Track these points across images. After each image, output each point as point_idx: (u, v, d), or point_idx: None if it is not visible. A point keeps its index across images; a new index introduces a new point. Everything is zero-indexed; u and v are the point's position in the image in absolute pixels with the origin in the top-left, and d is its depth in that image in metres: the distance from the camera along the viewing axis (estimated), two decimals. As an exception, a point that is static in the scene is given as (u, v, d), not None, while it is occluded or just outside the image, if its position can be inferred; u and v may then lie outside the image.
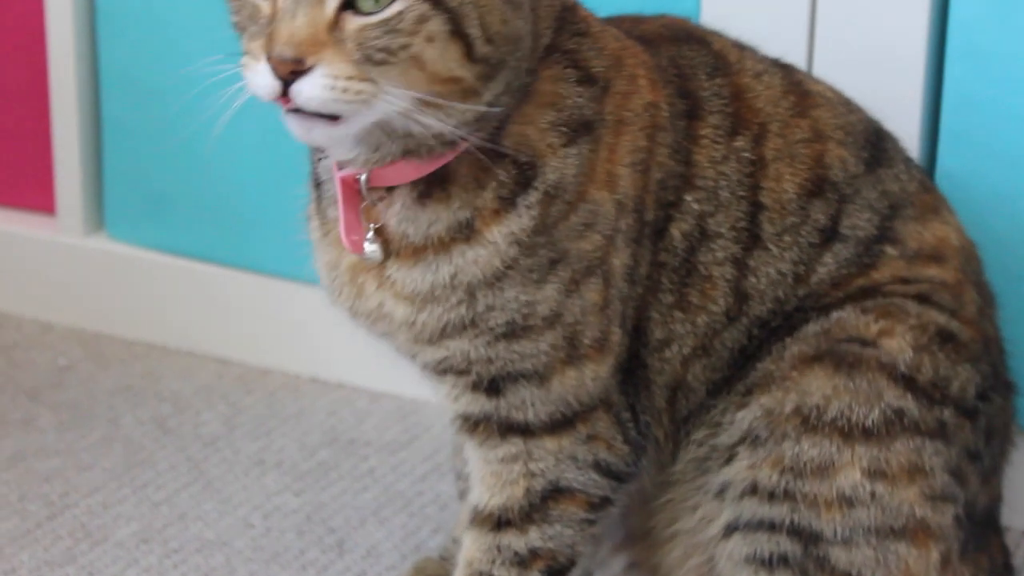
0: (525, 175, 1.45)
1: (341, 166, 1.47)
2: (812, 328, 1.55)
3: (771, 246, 1.56)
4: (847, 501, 1.52)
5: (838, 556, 1.53)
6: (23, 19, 2.30)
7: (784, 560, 1.54)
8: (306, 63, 1.33)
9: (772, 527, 1.54)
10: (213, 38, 2.16)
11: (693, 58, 1.59)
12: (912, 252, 1.58)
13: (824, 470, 1.52)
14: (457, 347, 1.49)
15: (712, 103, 1.57)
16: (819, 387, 1.53)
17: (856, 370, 1.52)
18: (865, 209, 1.58)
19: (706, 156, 1.55)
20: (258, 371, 2.26)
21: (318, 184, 1.56)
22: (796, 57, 1.82)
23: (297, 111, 1.36)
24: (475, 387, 1.51)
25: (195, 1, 2.17)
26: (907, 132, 1.75)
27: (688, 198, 1.54)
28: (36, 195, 2.38)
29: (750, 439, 1.54)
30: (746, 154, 1.56)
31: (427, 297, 1.47)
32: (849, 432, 1.52)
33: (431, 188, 1.46)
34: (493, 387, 1.51)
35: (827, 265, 1.57)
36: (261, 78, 1.35)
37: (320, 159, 1.54)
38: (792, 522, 1.53)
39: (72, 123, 2.29)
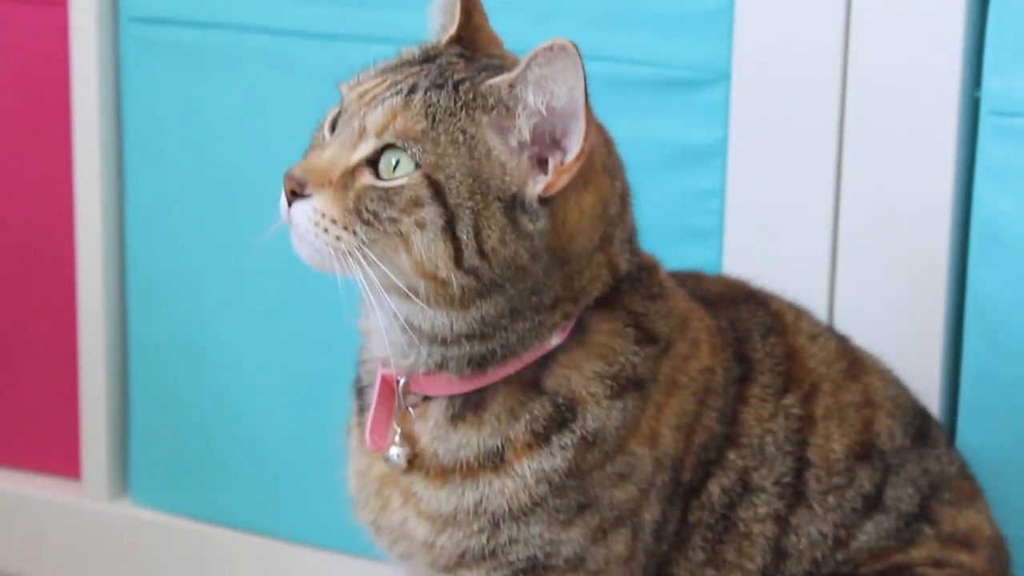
0: (562, 415, 1.45)
1: (385, 363, 1.49)
2: None
3: (815, 505, 1.55)
4: None
5: None
6: (54, 283, 2.34)
7: None
8: (306, 190, 1.40)
9: None
10: (240, 306, 2.22)
11: (750, 319, 1.60)
12: (946, 535, 1.58)
13: None
14: None
15: (764, 363, 1.57)
16: None
17: None
18: (908, 484, 1.58)
19: (753, 415, 1.55)
20: (281, 638, 2.25)
21: (360, 391, 1.57)
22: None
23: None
24: None
25: (223, 271, 2.22)
26: (927, 406, 1.77)
27: (731, 455, 1.54)
28: (62, 460, 2.40)
29: None
30: (795, 410, 1.56)
31: (449, 520, 1.47)
32: None
33: (465, 410, 1.46)
34: None
35: (868, 533, 1.56)
36: (282, 201, 1.43)
37: (364, 361, 1.56)
38: None
39: (100, 389, 2.31)
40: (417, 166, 1.38)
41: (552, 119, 1.40)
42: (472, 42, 1.50)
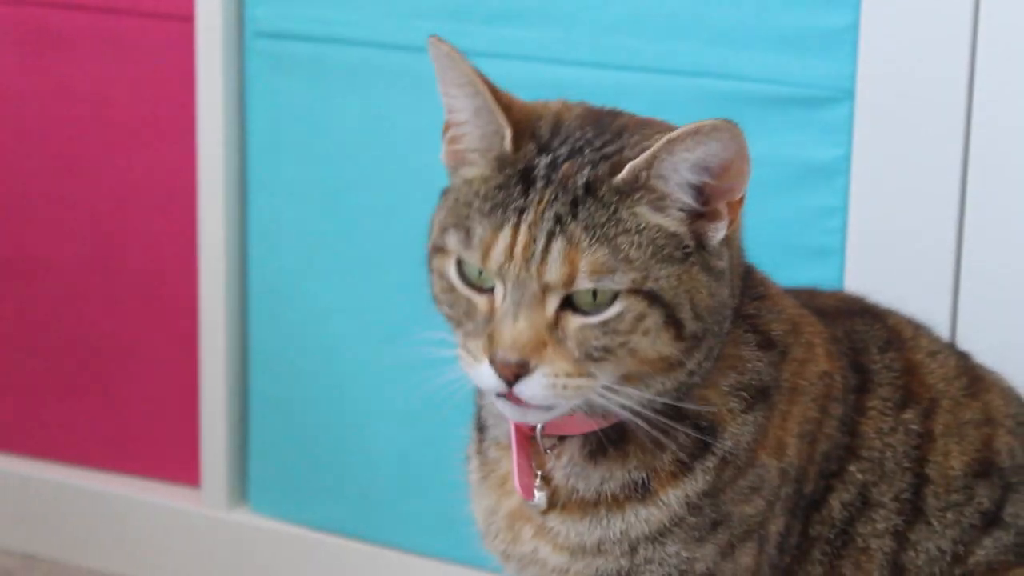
0: (704, 439, 1.45)
1: None
2: None
3: (934, 521, 1.53)
4: None
5: None
6: (177, 293, 2.37)
7: None
8: (529, 366, 1.35)
9: None
10: (362, 319, 2.24)
11: (867, 332, 1.58)
12: None
13: None
14: None
15: (882, 376, 1.56)
16: None
17: None
18: None
19: (873, 427, 1.53)
20: (395, 648, 2.27)
21: (481, 428, 1.56)
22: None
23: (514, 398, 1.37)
24: None
25: (344, 283, 2.24)
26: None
27: (852, 468, 1.52)
28: (181, 468, 2.43)
29: None
30: (914, 427, 1.54)
31: (590, 550, 1.46)
32: None
33: (605, 445, 1.45)
34: None
35: (986, 548, 1.55)
36: (485, 378, 1.36)
37: (485, 404, 1.54)
38: None
39: (220, 398, 2.34)
40: (621, 288, 1.36)
41: (713, 180, 1.39)
42: (523, 128, 1.42)
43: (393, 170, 2.17)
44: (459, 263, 1.39)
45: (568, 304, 1.36)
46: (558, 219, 1.35)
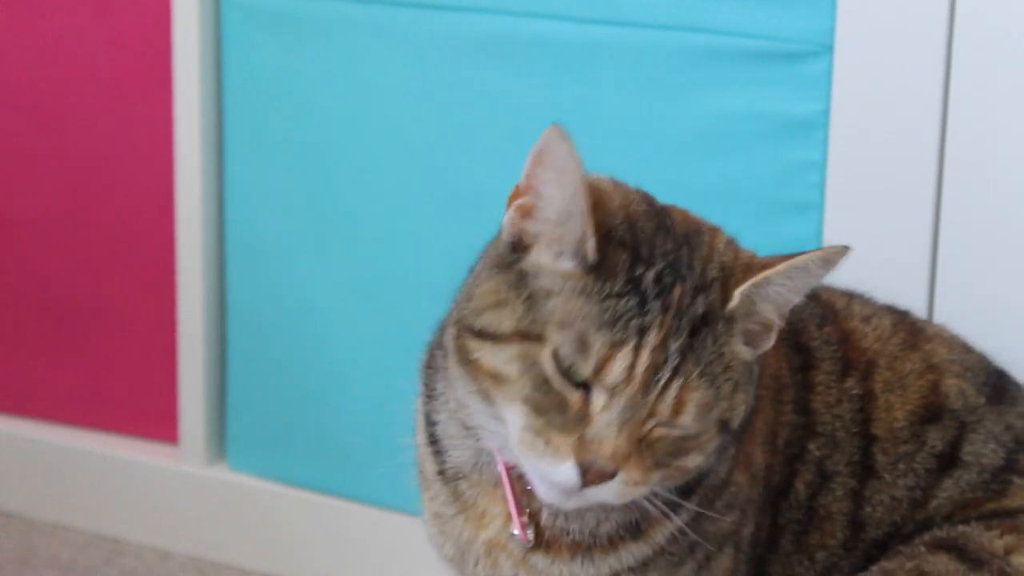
0: (688, 483, 1.45)
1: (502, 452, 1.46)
2: (938, 532, 1.55)
3: (885, 475, 1.57)
4: None
5: None
6: (153, 250, 2.37)
7: None
8: (615, 474, 1.35)
9: None
10: (337, 276, 2.24)
11: (803, 310, 1.60)
12: None
13: None
14: None
15: (823, 351, 1.59)
16: (944, 566, 1.50)
17: (981, 568, 1.50)
18: (990, 440, 1.59)
19: (822, 402, 1.57)
20: (373, 604, 2.27)
21: (434, 444, 1.55)
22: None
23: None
24: None
25: (322, 239, 2.23)
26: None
27: (811, 447, 1.56)
28: (159, 424, 2.43)
29: None
30: (855, 391, 1.58)
31: None
32: None
33: None
34: None
35: (947, 490, 1.57)
36: (563, 474, 1.34)
37: (439, 422, 1.54)
38: None
39: (198, 354, 2.34)
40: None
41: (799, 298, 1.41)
42: (602, 231, 1.38)
43: (371, 124, 2.16)
44: (555, 356, 1.35)
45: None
46: (681, 353, 1.35)
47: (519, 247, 1.40)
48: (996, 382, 1.63)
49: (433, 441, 1.56)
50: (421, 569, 2.24)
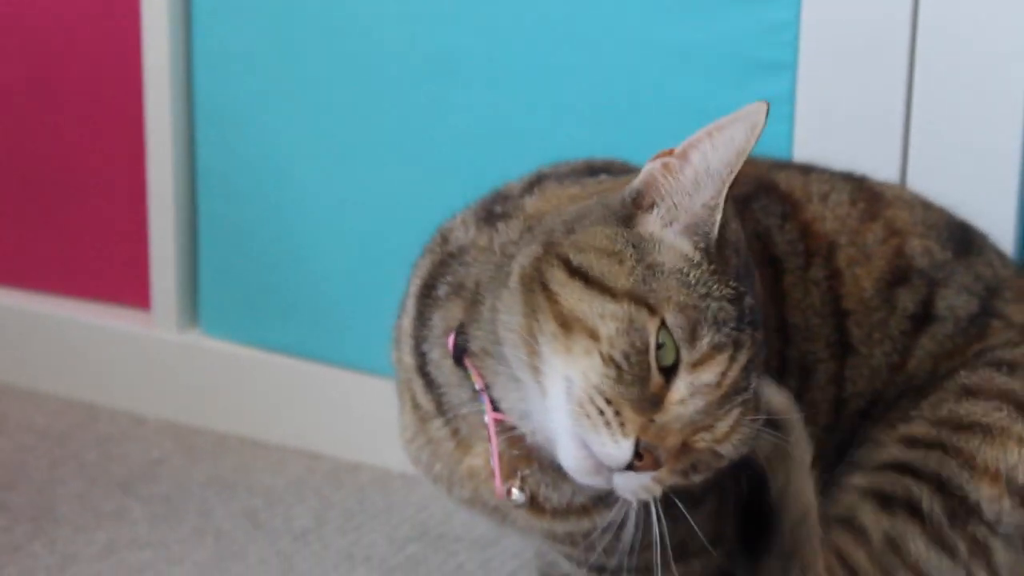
0: None
1: (495, 405, 1.45)
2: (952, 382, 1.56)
3: (861, 348, 1.58)
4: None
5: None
6: (122, 116, 2.35)
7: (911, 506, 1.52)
8: (659, 467, 1.34)
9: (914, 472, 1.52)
10: (309, 138, 2.22)
11: (765, 214, 1.60)
12: (1019, 325, 1.60)
13: (986, 432, 1.51)
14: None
15: (788, 253, 1.59)
16: (986, 378, 1.53)
17: (1016, 370, 1.53)
18: (962, 291, 1.60)
19: (793, 303, 1.58)
20: (348, 465, 2.28)
21: (425, 375, 1.56)
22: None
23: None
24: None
25: (293, 102, 2.21)
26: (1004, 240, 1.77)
27: (792, 354, 1.57)
28: (131, 291, 2.42)
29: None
30: (821, 275, 1.59)
31: (554, 532, 1.51)
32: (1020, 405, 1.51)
33: None
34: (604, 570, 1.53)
35: (924, 348, 1.59)
36: (619, 450, 1.33)
37: (431, 361, 1.54)
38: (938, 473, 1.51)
39: (169, 220, 2.33)
40: None
41: None
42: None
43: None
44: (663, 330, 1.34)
45: None
46: (752, 386, 1.37)
47: (641, 203, 1.38)
48: (961, 235, 1.64)
49: (424, 373, 1.55)
50: (392, 430, 2.25)
